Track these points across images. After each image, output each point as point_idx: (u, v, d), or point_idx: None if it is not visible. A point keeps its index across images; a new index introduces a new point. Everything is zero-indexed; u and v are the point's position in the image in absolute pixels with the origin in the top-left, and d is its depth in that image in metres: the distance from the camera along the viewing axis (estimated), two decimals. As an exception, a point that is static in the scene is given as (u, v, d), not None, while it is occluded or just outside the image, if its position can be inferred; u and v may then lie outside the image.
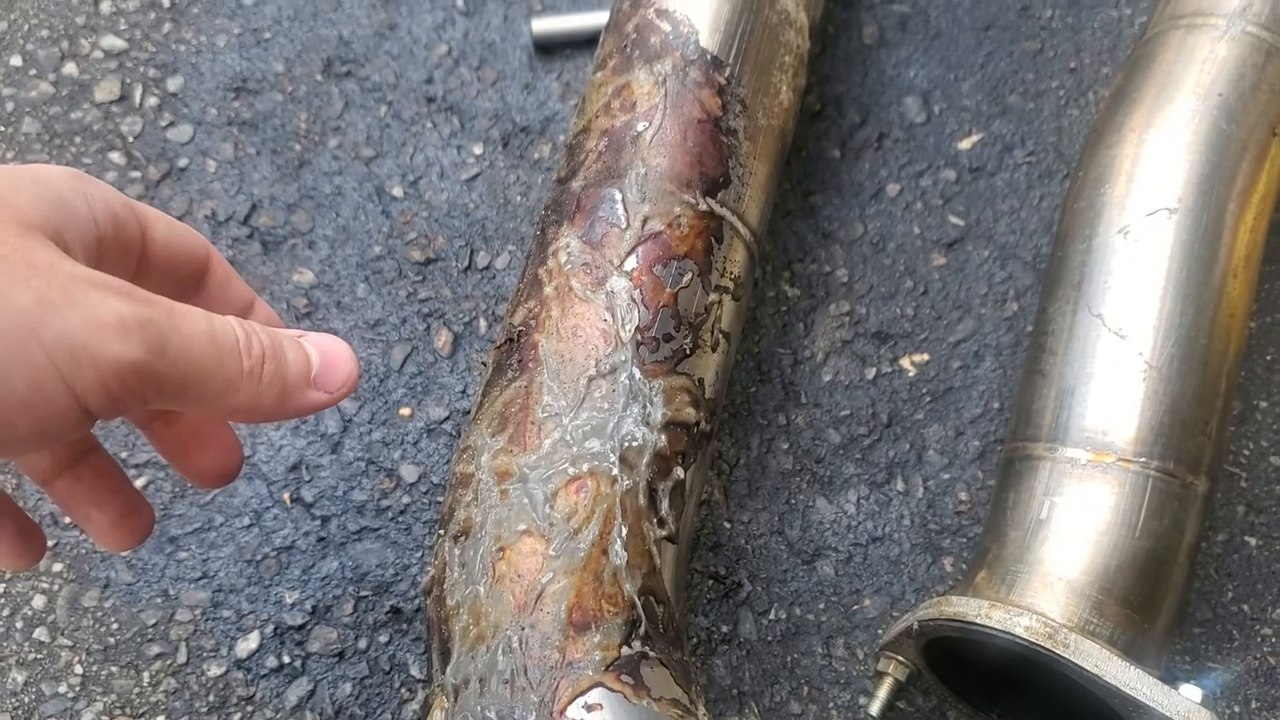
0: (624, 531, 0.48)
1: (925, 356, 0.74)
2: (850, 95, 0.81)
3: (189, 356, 0.33)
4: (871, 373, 0.74)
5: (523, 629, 0.45)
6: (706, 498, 0.69)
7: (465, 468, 0.51)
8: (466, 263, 0.76)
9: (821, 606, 0.68)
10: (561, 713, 0.43)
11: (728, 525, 0.69)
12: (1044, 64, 0.83)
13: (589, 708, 0.43)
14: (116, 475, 0.42)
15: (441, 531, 0.51)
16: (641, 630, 0.47)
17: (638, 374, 0.51)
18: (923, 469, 0.72)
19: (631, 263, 0.53)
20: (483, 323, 0.74)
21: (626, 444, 0.49)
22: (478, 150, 0.79)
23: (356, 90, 0.80)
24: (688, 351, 0.53)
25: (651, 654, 0.46)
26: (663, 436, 0.50)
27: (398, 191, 0.77)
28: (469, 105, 0.80)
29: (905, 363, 0.74)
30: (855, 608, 0.68)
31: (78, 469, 0.41)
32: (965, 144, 0.80)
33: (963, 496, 0.71)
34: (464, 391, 0.72)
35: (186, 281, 0.41)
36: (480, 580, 0.47)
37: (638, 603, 0.47)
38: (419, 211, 0.77)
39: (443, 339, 0.73)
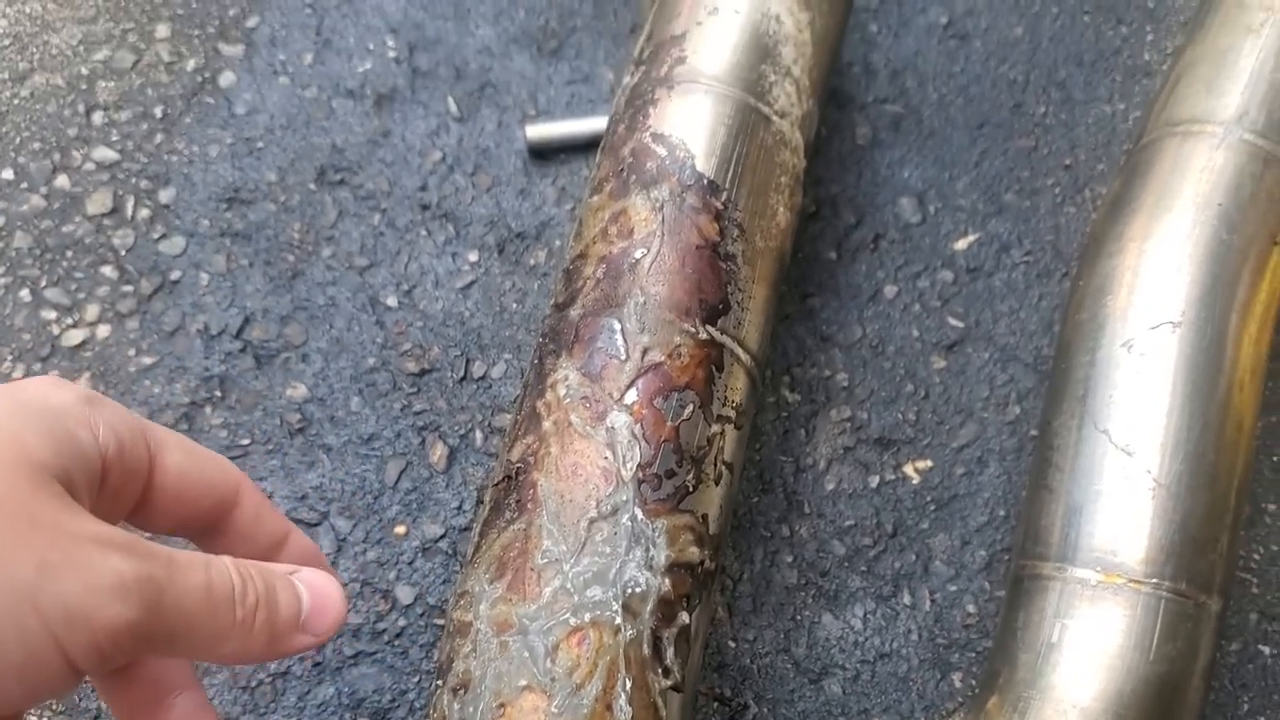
0: (628, 685, 0.46)
1: (929, 463, 0.73)
2: (845, 196, 0.81)
3: (183, 610, 0.32)
4: (875, 480, 0.73)
5: (525, 793, 0.44)
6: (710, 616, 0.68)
7: (463, 615, 0.49)
8: (462, 373, 0.75)
9: (829, 727, 0.67)
10: None
11: (732, 644, 0.68)
12: (1039, 161, 0.83)
13: None
14: None
15: (440, 682, 0.49)
16: (648, 789, 0.45)
17: (640, 514, 0.50)
18: (929, 580, 0.70)
19: (632, 396, 0.52)
20: (479, 434, 0.73)
21: (629, 590, 0.48)
22: (473, 257, 0.78)
23: (350, 199, 0.79)
24: (690, 488, 0.52)
25: (659, 814, 0.45)
26: (666, 580, 0.49)
27: (392, 301, 0.77)
28: (464, 212, 0.80)
29: (909, 469, 0.73)
30: (864, 728, 0.67)
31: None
32: (962, 244, 0.80)
33: (970, 609, 0.70)
34: (460, 507, 0.71)
35: (206, 515, 0.40)
36: (481, 739, 0.45)
37: (643, 759, 0.46)
38: (414, 321, 0.76)
39: (438, 453, 0.72)
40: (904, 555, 0.71)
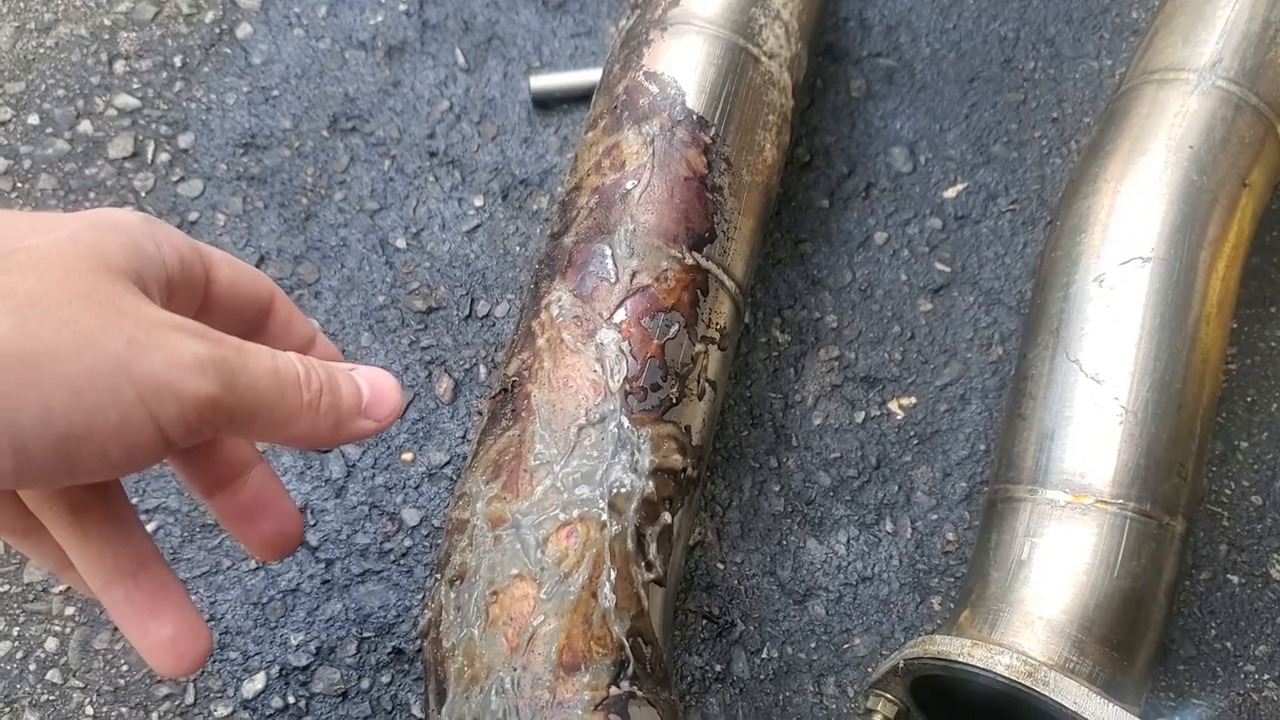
0: (613, 575, 0.50)
1: (912, 400, 0.76)
2: (838, 146, 0.84)
3: (256, 390, 0.36)
4: (860, 416, 0.76)
5: (515, 670, 0.47)
6: (700, 539, 0.71)
7: (461, 514, 0.53)
8: (467, 311, 0.78)
9: (813, 645, 0.70)
10: (552, 751, 0.45)
11: (721, 566, 0.71)
12: (1027, 114, 0.86)
13: (578, 746, 0.45)
14: (176, 588, 0.42)
15: (438, 575, 0.53)
16: (629, 670, 0.49)
17: (626, 422, 0.53)
18: (911, 510, 0.73)
19: (620, 315, 0.55)
20: (482, 369, 0.76)
21: (615, 490, 0.51)
22: (478, 202, 0.82)
23: (361, 145, 0.83)
24: (674, 400, 0.55)
25: (639, 694, 0.48)
26: (650, 483, 0.52)
27: (401, 243, 0.80)
28: (470, 159, 0.83)
29: (893, 406, 0.76)
30: (846, 646, 0.70)
31: (139, 576, 0.41)
32: (950, 193, 0.83)
33: (950, 537, 0.73)
34: (464, 437, 0.74)
35: (250, 320, 0.44)
36: (475, 623, 0.49)
37: (626, 644, 0.49)
38: (421, 262, 0.79)
39: (444, 386, 0.76)
40: (887, 486, 0.74)
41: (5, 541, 0.43)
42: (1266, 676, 0.70)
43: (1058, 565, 0.60)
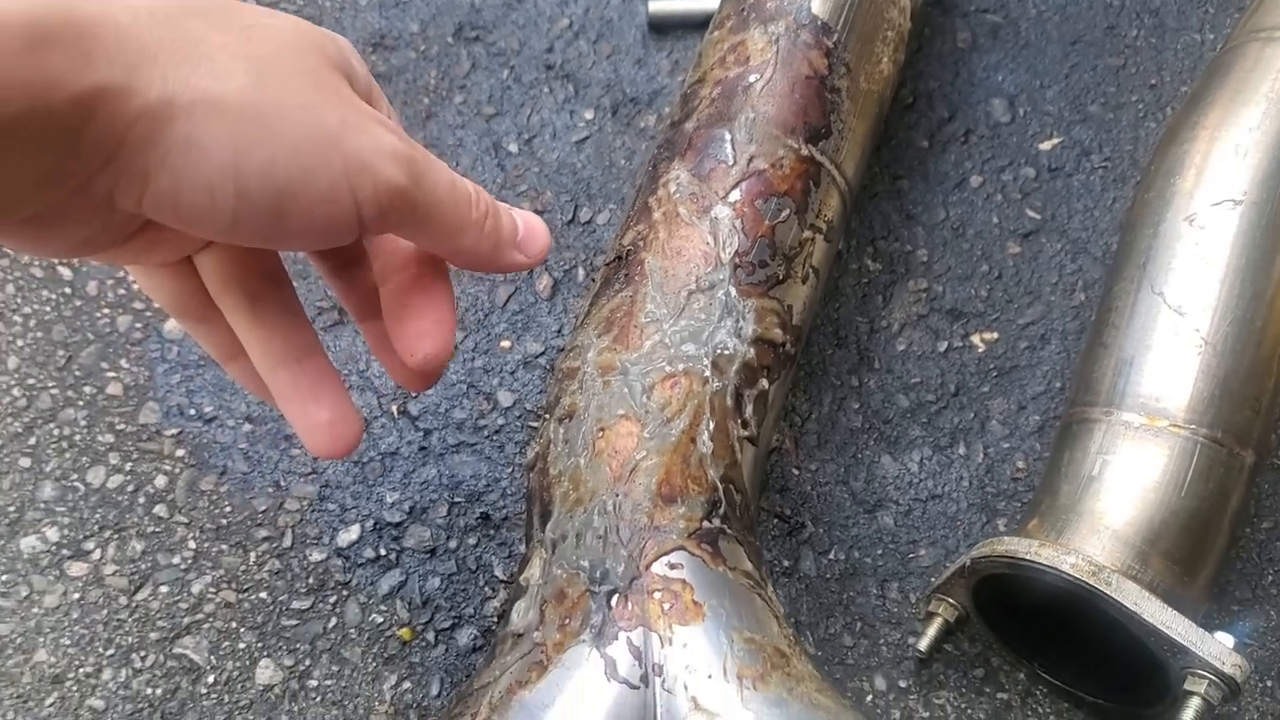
0: (711, 425, 0.53)
1: (995, 335, 0.79)
2: (941, 92, 0.87)
3: (436, 194, 0.39)
4: (943, 346, 0.79)
5: (617, 496, 0.50)
6: (777, 445, 0.74)
7: (572, 363, 0.56)
8: (570, 216, 0.82)
9: (879, 552, 0.73)
10: (647, 567, 0.49)
11: (796, 472, 0.74)
12: (1126, 79, 0.88)
13: (671, 566, 0.49)
14: (335, 378, 0.46)
15: (547, 416, 0.56)
16: (721, 511, 0.52)
17: (733, 292, 0.56)
18: (984, 437, 0.76)
19: (735, 195, 0.58)
20: (581, 272, 0.80)
21: (719, 351, 0.55)
22: (589, 116, 0.85)
23: (483, 54, 0.87)
24: (780, 279, 0.58)
25: (729, 531, 0.52)
26: (751, 349, 0.56)
27: (513, 148, 0.84)
28: (584, 75, 0.87)
29: (975, 339, 0.79)
30: (911, 556, 0.73)
31: (304, 363, 0.45)
32: (1046, 145, 0.85)
33: (1020, 465, 0.75)
34: (559, 331, 0.78)
35: None
36: (581, 454, 0.52)
37: (719, 487, 0.52)
38: (531, 167, 0.83)
39: (544, 283, 0.79)
40: (963, 413, 0.77)
41: (184, 327, 0.47)
42: (1320, 626, 0.72)
43: (1127, 481, 0.63)
